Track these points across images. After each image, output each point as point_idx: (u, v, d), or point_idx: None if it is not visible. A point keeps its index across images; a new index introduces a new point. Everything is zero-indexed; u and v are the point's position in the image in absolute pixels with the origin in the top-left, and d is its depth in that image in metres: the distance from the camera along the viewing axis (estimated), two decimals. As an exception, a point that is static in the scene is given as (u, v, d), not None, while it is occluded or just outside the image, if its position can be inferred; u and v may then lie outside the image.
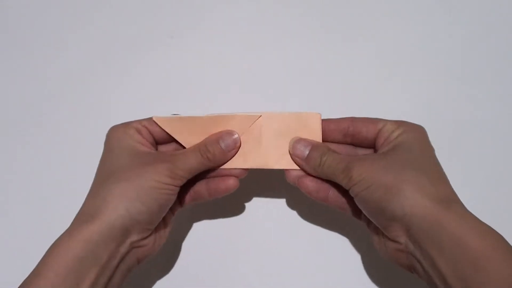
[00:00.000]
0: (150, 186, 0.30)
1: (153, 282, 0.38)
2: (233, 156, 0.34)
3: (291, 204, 0.41)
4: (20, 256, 0.39)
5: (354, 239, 0.39)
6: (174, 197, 0.32)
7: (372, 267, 0.38)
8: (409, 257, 0.29)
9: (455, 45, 0.47)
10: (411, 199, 0.27)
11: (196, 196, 0.35)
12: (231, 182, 0.34)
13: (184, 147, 0.34)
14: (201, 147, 0.33)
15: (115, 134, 0.33)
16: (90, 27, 0.49)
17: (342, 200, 0.34)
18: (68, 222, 0.40)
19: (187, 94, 0.45)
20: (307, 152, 0.33)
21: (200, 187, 0.35)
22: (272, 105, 0.44)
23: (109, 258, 0.28)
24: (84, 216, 0.29)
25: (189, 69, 0.47)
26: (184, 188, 0.35)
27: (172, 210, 0.34)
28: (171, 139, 0.35)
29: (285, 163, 0.34)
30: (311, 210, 0.40)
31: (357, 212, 0.33)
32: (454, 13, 0.49)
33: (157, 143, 0.35)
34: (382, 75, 0.46)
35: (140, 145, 0.32)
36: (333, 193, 0.34)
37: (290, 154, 0.34)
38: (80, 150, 0.44)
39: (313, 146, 0.33)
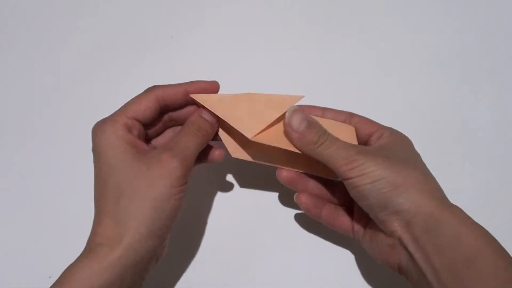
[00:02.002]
0: (164, 194, 0.28)
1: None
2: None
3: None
4: (20, 257, 0.39)
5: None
6: (185, 193, 0.30)
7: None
8: (400, 254, 0.30)
9: (453, 45, 0.47)
10: (418, 197, 0.29)
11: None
12: (218, 153, 0.35)
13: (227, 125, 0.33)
14: (193, 127, 0.32)
15: (105, 139, 0.30)
16: (90, 27, 0.49)
17: (336, 218, 0.35)
18: (68, 222, 0.40)
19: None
20: (304, 126, 0.32)
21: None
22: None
23: (136, 278, 0.28)
24: (105, 240, 0.28)
25: (189, 69, 0.47)
26: None
27: None
28: (159, 120, 0.34)
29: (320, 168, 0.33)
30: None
31: (350, 227, 0.35)
32: (453, 12, 0.49)
33: (146, 127, 0.33)
34: (380, 74, 0.46)
35: (137, 147, 0.30)
36: (327, 211, 0.35)
37: (284, 124, 0.33)
38: (80, 152, 0.43)
39: (311, 122, 0.32)
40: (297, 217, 0.40)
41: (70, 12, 0.50)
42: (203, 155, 0.35)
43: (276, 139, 0.32)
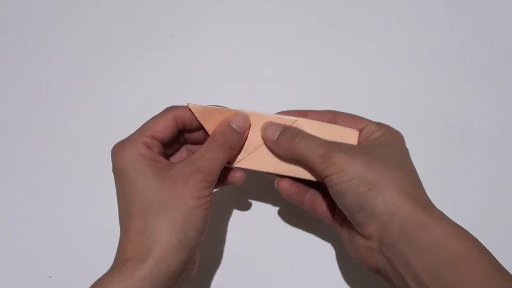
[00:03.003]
0: (192, 206, 0.28)
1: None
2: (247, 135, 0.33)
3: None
4: (20, 257, 0.39)
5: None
6: (212, 202, 0.30)
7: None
8: (378, 256, 0.29)
9: (453, 45, 0.47)
10: (395, 198, 0.28)
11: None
12: (238, 175, 0.34)
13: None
14: (219, 140, 0.31)
15: (125, 157, 0.29)
16: (90, 27, 0.49)
17: (317, 204, 0.34)
18: (68, 222, 0.40)
19: (187, 94, 0.45)
20: (277, 135, 0.32)
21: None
22: (271, 104, 0.44)
23: None
24: (134, 255, 0.27)
25: (189, 68, 0.47)
26: None
27: None
28: (176, 140, 0.34)
29: (304, 173, 0.32)
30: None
31: (330, 215, 0.34)
32: (453, 12, 0.49)
33: (164, 146, 0.33)
34: (379, 75, 0.46)
35: (158, 162, 0.30)
36: (309, 197, 0.34)
37: (262, 138, 0.33)
38: (80, 151, 0.43)
39: (284, 128, 0.32)
40: (294, 223, 0.40)
41: (70, 12, 0.50)
42: (222, 177, 0.34)
43: (260, 163, 0.33)
